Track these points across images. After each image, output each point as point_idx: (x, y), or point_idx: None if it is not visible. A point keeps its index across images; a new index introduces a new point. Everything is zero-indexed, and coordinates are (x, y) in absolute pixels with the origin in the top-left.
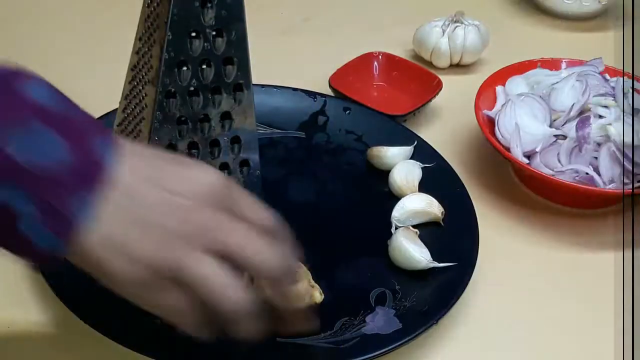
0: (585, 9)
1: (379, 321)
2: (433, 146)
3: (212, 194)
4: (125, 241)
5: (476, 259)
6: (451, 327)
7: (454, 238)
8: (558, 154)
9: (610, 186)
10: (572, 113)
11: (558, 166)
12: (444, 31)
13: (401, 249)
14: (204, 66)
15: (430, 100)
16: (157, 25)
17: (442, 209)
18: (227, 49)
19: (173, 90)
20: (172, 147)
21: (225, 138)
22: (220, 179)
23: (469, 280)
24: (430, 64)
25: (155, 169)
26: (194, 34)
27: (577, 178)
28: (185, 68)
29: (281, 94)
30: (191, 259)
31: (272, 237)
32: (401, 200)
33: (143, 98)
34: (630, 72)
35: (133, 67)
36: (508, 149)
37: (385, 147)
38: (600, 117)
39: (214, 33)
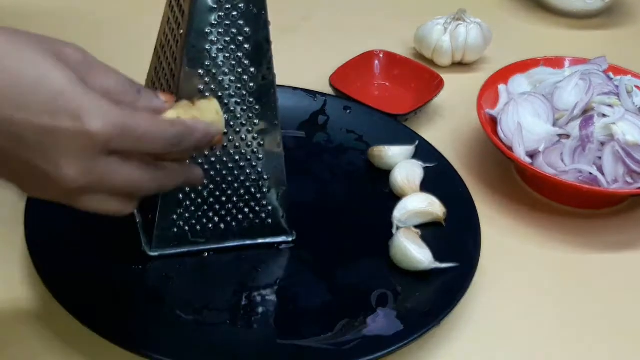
0: (588, 7)
1: (380, 322)
2: (435, 146)
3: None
4: None
5: (478, 260)
6: (453, 329)
7: (456, 238)
8: (561, 153)
9: (614, 186)
10: (576, 112)
11: (561, 166)
12: (445, 29)
13: (402, 250)
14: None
15: (431, 99)
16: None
17: (443, 209)
18: None
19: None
20: None
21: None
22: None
23: (471, 281)
24: (431, 62)
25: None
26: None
27: (580, 178)
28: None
29: (281, 93)
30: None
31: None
32: (402, 201)
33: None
34: (634, 70)
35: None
36: (510, 149)
37: (386, 147)
38: (604, 116)
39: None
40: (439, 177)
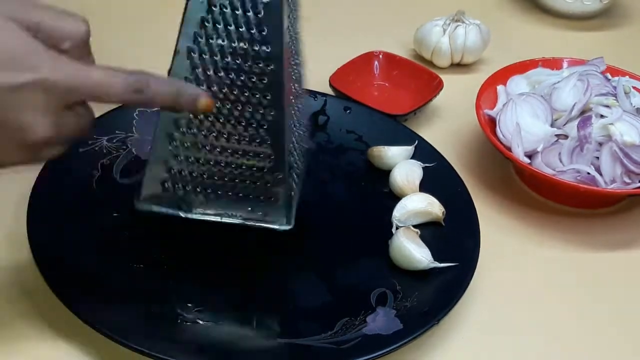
0: (586, 8)
1: (379, 321)
2: (434, 146)
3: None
4: None
5: (477, 259)
6: (452, 328)
7: (455, 238)
8: (559, 153)
9: (612, 186)
10: (574, 112)
11: (559, 166)
12: (444, 30)
13: (402, 249)
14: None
15: (431, 99)
16: None
17: (443, 209)
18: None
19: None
20: None
21: None
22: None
23: (470, 280)
24: (431, 63)
25: None
26: None
27: (578, 178)
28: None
29: None
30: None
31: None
32: (402, 200)
33: None
34: (632, 71)
35: None
36: (509, 149)
37: (385, 147)
38: (602, 116)
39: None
40: (438, 177)
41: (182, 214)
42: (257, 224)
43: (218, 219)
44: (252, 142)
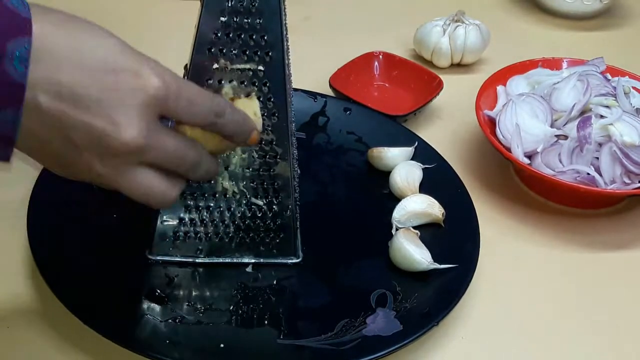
0: (586, 8)
1: (379, 322)
2: (434, 147)
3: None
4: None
5: (477, 260)
6: (452, 329)
7: (455, 239)
8: (559, 154)
9: (612, 186)
10: (573, 113)
11: (559, 166)
12: (444, 31)
13: (402, 250)
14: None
15: (431, 100)
16: None
17: (442, 210)
18: None
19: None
20: None
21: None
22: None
23: (470, 281)
24: (431, 63)
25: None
26: None
27: (578, 178)
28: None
29: None
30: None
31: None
32: (402, 202)
33: None
34: (632, 71)
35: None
36: (509, 149)
37: (385, 148)
38: (602, 117)
39: None
40: (438, 178)
41: (196, 260)
42: (269, 261)
43: (230, 260)
44: (260, 184)
